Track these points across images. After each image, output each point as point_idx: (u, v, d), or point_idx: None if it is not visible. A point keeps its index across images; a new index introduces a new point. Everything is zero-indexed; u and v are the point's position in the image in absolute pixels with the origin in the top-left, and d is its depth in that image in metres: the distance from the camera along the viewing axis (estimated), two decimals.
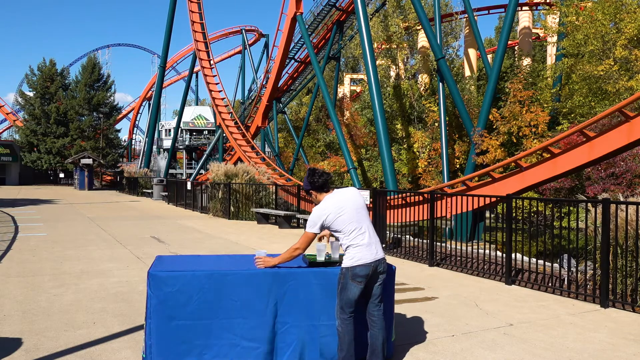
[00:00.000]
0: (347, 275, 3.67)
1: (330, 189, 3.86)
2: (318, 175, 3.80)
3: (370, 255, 3.67)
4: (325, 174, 3.82)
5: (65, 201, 24.05)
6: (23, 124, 49.42)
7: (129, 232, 12.33)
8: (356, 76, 53.52)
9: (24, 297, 5.93)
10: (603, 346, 4.57)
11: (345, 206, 3.71)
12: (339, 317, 3.71)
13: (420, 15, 21.71)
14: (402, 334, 4.68)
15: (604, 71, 18.79)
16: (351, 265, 3.66)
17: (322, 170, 3.86)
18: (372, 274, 3.69)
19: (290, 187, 19.78)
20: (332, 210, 3.67)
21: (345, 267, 3.69)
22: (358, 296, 3.69)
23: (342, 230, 3.69)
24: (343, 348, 3.70)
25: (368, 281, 3.70)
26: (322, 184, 3.80)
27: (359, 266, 3.64)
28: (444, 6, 42.36)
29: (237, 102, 56.59)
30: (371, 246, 3.71)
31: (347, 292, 3.67)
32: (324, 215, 3.67)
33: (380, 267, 3.74)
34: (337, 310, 3.73)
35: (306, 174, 3.86)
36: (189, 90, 44.33)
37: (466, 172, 21.13)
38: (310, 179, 3.80)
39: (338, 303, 3.73)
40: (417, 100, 31.26)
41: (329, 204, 3.71)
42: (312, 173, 3.82)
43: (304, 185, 3.87)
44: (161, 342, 3.68)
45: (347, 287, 3.67)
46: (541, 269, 7.44)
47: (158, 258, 4.28)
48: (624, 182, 14.22)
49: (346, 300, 3.68)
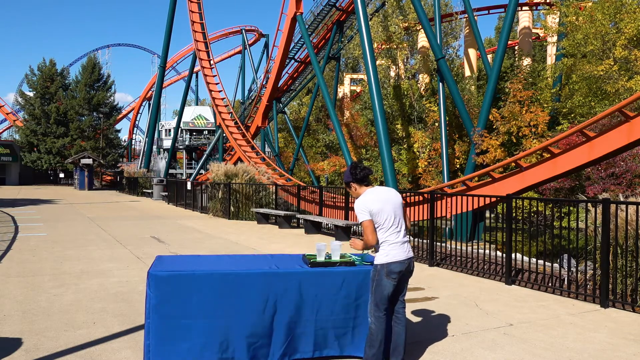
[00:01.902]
0: (382, 272, 3.71)
1: (371, 183, 3.92)
2: (360, 169, 3.85)
3: (403, 253, 3.74)
4: (367, 169, 3.88)
5: (65, 201, 24.05)
6: (23, 124, 49.43)
7: (129, 232, 12.33)
8: (356, 76, 53.54)
9: (24, 297, 5.93)
10: (603, 346, 4.57)
11: (387, 202, 3.77)
12: (373, 315, 3.73)
13: (420, 15, 21.72)
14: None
15: (603, 71, 18.80)
16: (387, 262, 3.70)
17: (364, 165, 3.93)
18: (405, 272, 3.76)
19: (290, 187, 19.78)
20: (375, 204, 3.72)
21: (380, 263, 3.73)
22: (392, 293, 3.73)
23: (381, 224, 3.74)
24: (374, 345, 3.70)
25: (400, 278, 3.75)
26: (363, 177, 3.84)
27: (394, 263, 3.70)
28: (444, 6, 42.36)
29: (237, 102, 56.61)
30: (405, 244, 3.79)
31: (382, 289, 3.70)
32: (369, 205, 3.71)
33: (411, 266, 3.83)
34: (372, 308, 3.75)
35: (349, 168, 3.91)
36: (189, 90, 44.35)
37: (466, 172, 21.13)
38: (352, 171, 3.85)
39: (372, 300, 3.75)
40: (417, 101, 31.27)
41: (372, 196, 3.75)
42: (355, 166, 3.88)
43: (345, 177, 3.91)
44: (160, 342, 3.68)
45: (381, 283, 3.70)
46: (541, 269, 7.44)
47: (158, 258, 4.28)
48: (624, 182, 14.22)
49: (380, 296, 3.71)
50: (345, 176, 3.92)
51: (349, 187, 3.94)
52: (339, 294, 3.96)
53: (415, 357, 4.23)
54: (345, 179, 3.93)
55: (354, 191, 3.91)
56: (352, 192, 3.95)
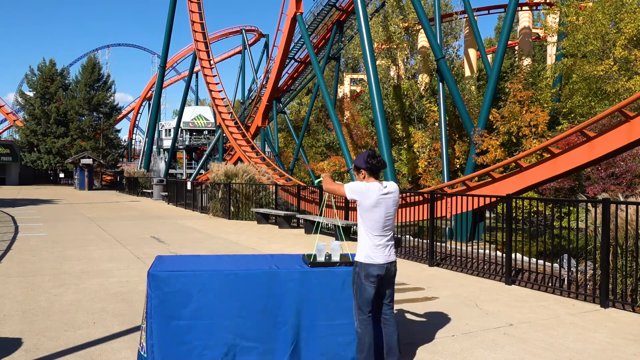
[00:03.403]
0: (360, 274, 3.63)
1: (379, 178, 3.77)
2: (377, 159, 3.65)
3: (384, 257, 3.63)
4: (383, 163, 3.68)
5: (65, 201, 24.05)
6: (23, 124, 49.43)
7: (129, 232, 12.33)
8: (356, 76, 53.54)
9: (24, 297, 5.93)
10: (603, 346, 4.57)
11: (386, 199, 3.63)
12: (357, 318, 3.67)
13: (420, 15, 21.72)
14: (402, 333, 4.67)
15: (603, 71, 18.80)
16: (365, 263, 3.61)
17: (381, 157, 3.73)
18: (385, 276, 3.66)
19: (290, 187, 19.78)
20: (375, 197, 3.57)
21: (359, 263, 3.64)
22: (373, 296, 3.65)
23: (370, 219, 3.62)
24: (363, 349, 3.64)
25: (379, 282, 3.65)
26: (377, 169, 3.66)
27: (372, 266, 3.60)
28: (444, 6, 42.38)
29: (237, 102, 56.59)
30: (387, 247, 3.67)
31: (362, 292, 3.64)
32: (369, 194, 3.56)
33: (391, 270, 3.71)
34: (355, 311, 3.69)
35: (365, 153, 3.70)
36: (189, 90, 44.36)
37: (466, 172, 21.13)
38: (368, 159, 3.63)
39: (355, 303, 3.69)
40: (417, 101, 31.27)
41: (376, 188, 3.59)
42: (373, 154, 3.67)
43: (358, 161, 3.68)
44: (162, 342, 3.68)
45: (362, 287, 3.64)
46: (541, 269, 7.44)
47: (158, 258, 4.27)
48: (624, 182, 14.22)
49: (362, 299, 3.65)
50: (358, 161, 3.69)
51: (358, 173, 3.71)
52: (341, 295, 3.91)
53: (414, 357, 4.23)
54: (358, 163, 3.69)
55: (359, 176, 3.71)
56: (357, 178, 3.74)
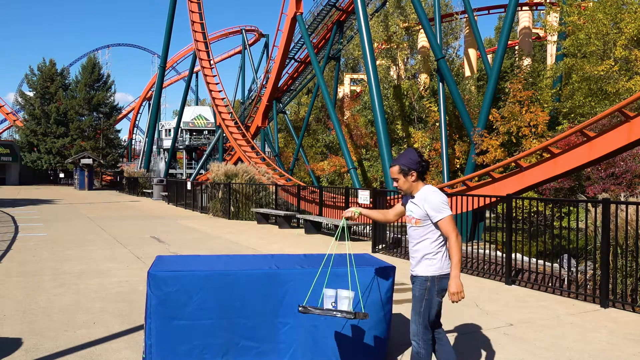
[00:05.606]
0: (432, 289, 3.20)
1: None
2: (425, 161, 3.29)
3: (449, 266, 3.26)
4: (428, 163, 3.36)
5: (65, 201, 24.04)
6: (23, 124, 49.46)
7: (129, 232, 12.32)
8: (356, 76, 53.52)
9: (24, 297, 5.93)
10: (603, 346, 4.56)
11: None
12: (422, 338, 3.23)
13: (420, 15, 21.73)
14: (402, 333, 4.67)
15: (604, 71, 18.79)
16: (439, 275, 3.19)
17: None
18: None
19: (290, 187, 19.78)
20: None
21: (432, 275, 3.20)
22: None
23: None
24: None
25: None
26: (426, 171, 3.30)
27: (444, 277, 3.20)
28: (444, 6, 42.36)
29: (237, 102, 56.59)
30: None
31: (432, 308, 3.22)
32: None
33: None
34: (421, 331, 3.23)
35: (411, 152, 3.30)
36: (189, 90, 44.38)
37: (466, 172, 21.15)
38: (420, 160, 3.24)
39: (422, 322, 3.23)
40: (417, 101, 31.28)
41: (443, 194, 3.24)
42: (421, 155, 3.29)
43: (407, 162, 3.23)
44: (161, 342, 3.68)
45: (432, 303, 3.22)
46: (541, 269, 7.44)
47: (158, 258, 4.27)
48: (624, 182, 14.21)
49: (430, 317, 3.24)
50: (407, 161, 3.23)
51: (406, 175, 3.24)
52: None
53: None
54: (408, 164, 3.22)
55: (408, 179, 3.25)
56: (402, 181, 3.27)
